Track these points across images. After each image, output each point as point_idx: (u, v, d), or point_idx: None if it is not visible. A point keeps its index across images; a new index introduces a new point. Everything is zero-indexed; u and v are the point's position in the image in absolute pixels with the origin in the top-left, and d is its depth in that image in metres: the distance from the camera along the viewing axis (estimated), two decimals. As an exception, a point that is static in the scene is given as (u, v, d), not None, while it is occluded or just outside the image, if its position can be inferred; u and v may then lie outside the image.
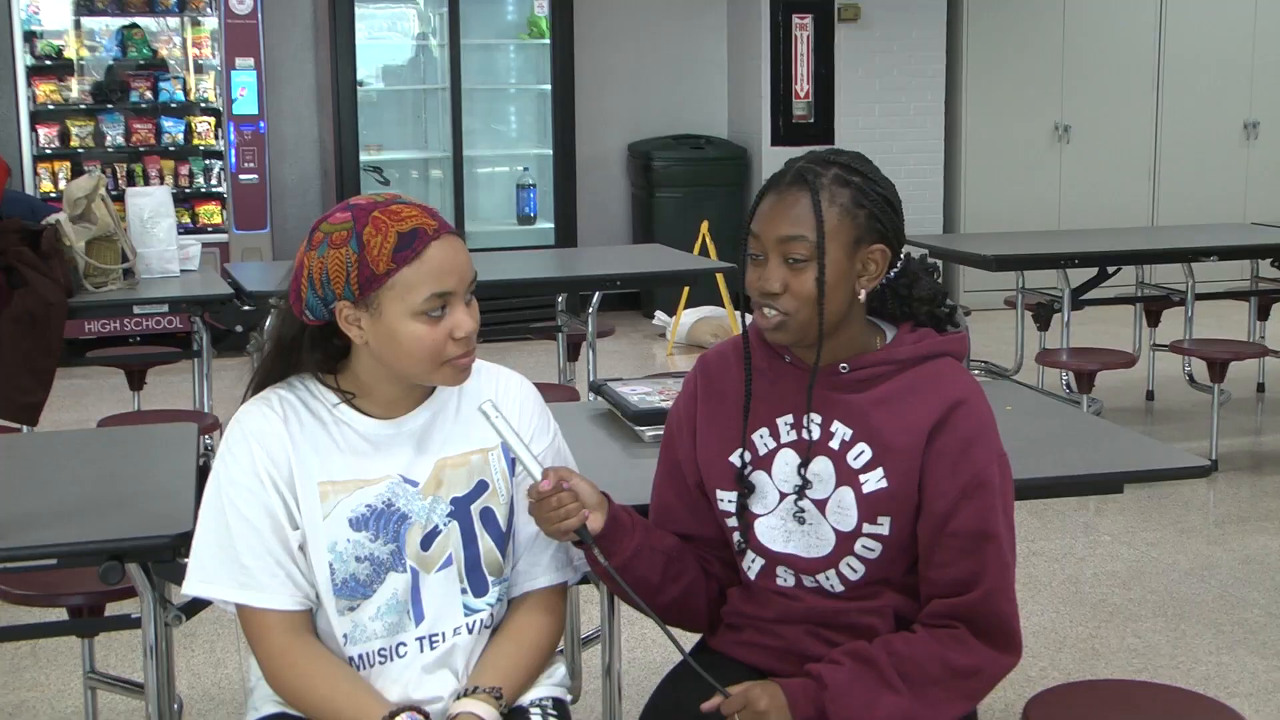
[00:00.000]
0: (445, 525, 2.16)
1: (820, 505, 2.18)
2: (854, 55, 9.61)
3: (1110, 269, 6.45)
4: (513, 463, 2.22)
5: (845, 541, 2.16)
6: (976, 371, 6.53)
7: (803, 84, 9.56)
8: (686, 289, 8.35)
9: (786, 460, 2.20)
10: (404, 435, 2.17)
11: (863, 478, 2.15)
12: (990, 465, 2.14)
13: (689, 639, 2.46)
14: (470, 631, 2.18)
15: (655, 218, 9.46)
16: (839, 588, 2.19)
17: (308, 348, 2.14)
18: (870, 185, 2.14)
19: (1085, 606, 4.48)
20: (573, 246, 9.02)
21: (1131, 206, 10.10)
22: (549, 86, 9.17)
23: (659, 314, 9.13)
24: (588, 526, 2.13)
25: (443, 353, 2.08)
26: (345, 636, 2.13)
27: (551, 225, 9.21)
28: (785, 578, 2.23)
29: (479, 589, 2.19)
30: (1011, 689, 3.82)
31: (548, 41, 9.12)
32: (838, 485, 2.16)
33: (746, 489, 2.22)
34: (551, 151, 9.19)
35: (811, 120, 9.60)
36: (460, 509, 2.17)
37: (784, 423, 2.21)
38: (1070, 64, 9.96)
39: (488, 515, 2.19)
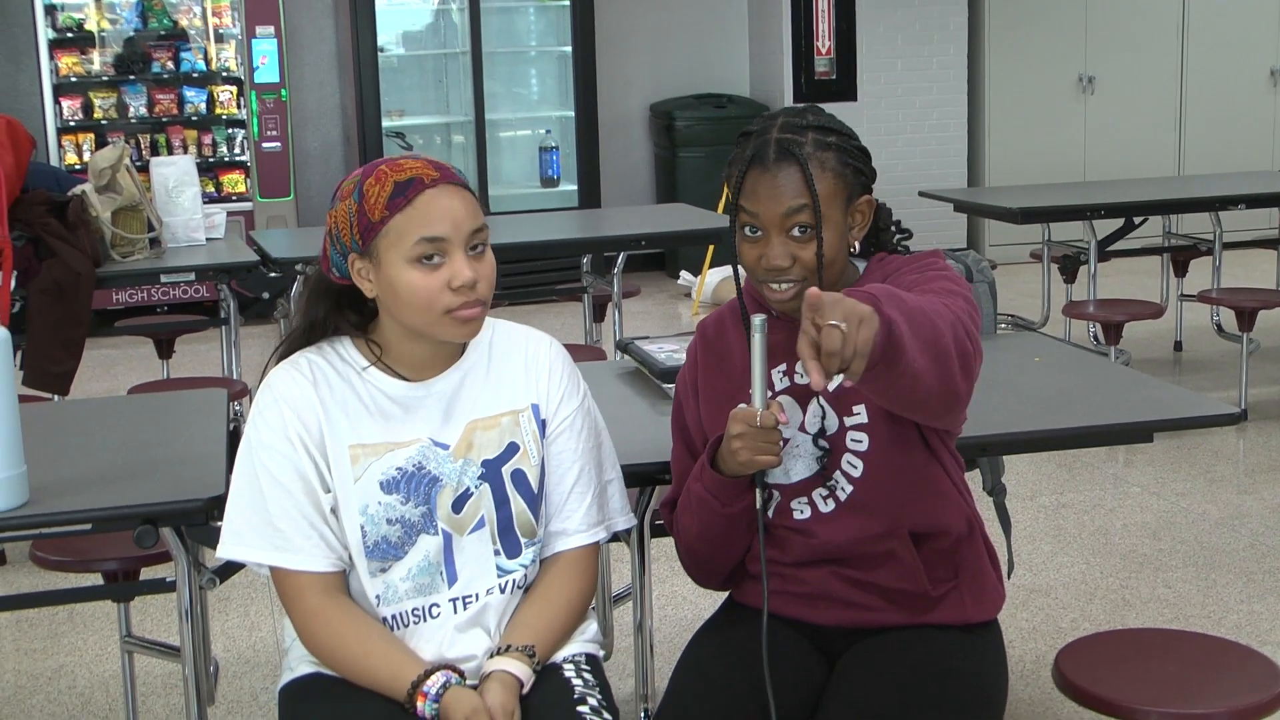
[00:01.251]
0: (477, 488, 2.16)
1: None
2: (875, 10, 9.54)
3: (1136, 219, 6.41)
4: (543, 424, 2.23)
5: (835, 444, 2.21)
6: (1003, 325, 6.51)
7: (824, 40, 9.50)
8: (711, 248, 8.34)
9: (783, 407, 2.22)
10: (433, 397, 2.17)
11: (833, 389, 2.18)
12: (937, 264, 2.16)
13: (713, 597, 2.48)
14: (503, 591, 2.19)
15: (678, 177, 9.43)
16: (848, 488, 2.20)
17: (341, 308, 2.17)
18: (845, 140, 2.19)
19: (1115, 557, 4.48)
20: (596, 208, 9.00)
21: (1157, 156, 10.02)
22: (570, 48, 9.12)
23: (684, 273, 9.12)
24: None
25: (439, 302, 2.07)
26: (378, 597, 2.14)
27: (575, 187, 9.18)
28: (800, 509, 2.25)
29: (512, 551, 2.19)
30: (1042, 639, 3.83)
31: (568, 3, 9.06)
32: (826, 414, 2.23)
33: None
34: (573, 113, 9.15)
35: (833, 77, 9.53)
36: (491, 471, 2.17)
37: (777, 373, 2.26)
38: (1094, 14, 9.87)
39: (519, 477, 2.19)
